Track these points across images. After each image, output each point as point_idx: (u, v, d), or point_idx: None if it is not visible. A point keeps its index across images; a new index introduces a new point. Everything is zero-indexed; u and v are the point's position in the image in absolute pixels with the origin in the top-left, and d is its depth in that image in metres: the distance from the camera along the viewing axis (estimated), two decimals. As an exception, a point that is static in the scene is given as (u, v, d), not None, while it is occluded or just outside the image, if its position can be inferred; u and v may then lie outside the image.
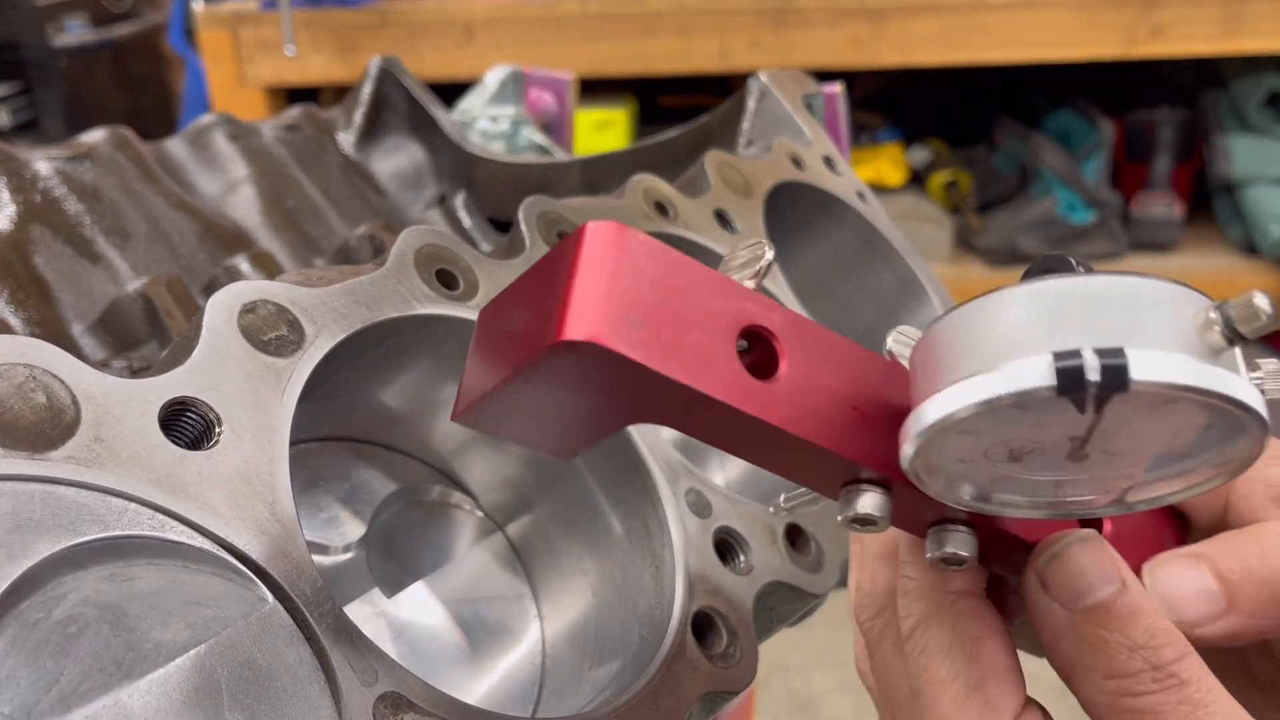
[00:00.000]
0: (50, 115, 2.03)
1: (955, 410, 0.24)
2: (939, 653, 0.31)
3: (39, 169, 0.55)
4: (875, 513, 0.29)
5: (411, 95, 0.77)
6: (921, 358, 0.27)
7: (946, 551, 0.30)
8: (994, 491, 0.28)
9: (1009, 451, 0.26)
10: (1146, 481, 0.27)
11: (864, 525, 0.30)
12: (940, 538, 0.31)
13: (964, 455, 0.26)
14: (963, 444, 0.26)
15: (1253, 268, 1.82)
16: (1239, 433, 0.25)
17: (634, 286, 0.26)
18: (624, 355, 0.25)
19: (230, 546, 0.29)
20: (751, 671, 0.39)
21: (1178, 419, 0.24)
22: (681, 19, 1.60)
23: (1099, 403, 0.23)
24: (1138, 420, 0.24)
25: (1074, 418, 0.24)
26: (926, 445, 0.26)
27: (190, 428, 0.31)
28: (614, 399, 0.27)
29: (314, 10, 1.58)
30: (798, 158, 0.64)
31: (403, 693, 0.30)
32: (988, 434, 0.25)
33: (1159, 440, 0.25)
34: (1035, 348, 0.23)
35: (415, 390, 0.45)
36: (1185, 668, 0.28)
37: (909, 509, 0.30)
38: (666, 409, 0.28)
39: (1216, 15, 1.61)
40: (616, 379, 0.26)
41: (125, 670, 0.28)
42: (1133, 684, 0.28)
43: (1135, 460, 0.26)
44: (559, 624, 0.46)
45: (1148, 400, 0.23)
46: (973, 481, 0.28)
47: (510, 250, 0.44)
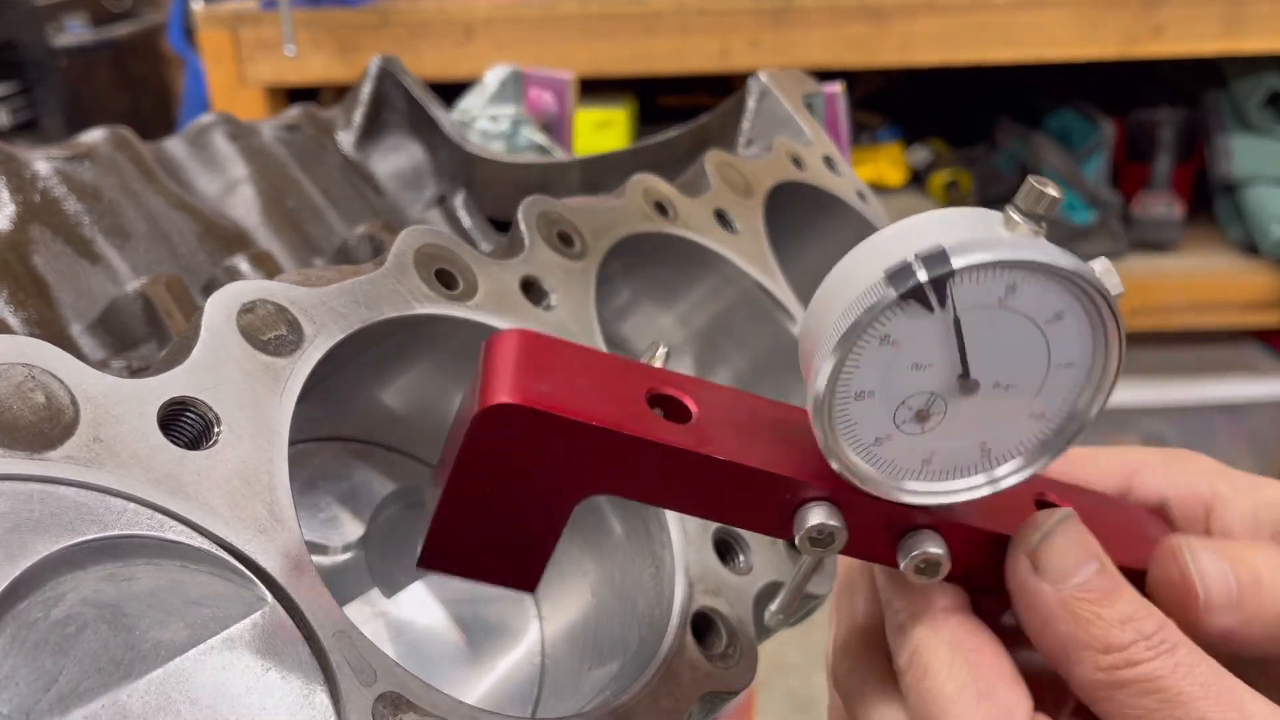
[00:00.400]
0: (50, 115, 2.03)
1: (832, 361, 0.27)
2: (942, 669, 0.30)
3: (38, 169, 0.55)
4: (830, 521, 0.30)
5: (411, 95, 0.77)
6: (803, 349, 0.29)
7: (919, 553, 0.31)
8: (928, 474, 0.30)
9: (914, 412, 0.28)
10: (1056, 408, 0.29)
11: (822, 540, 0.30)
12: (909, 544, 0.31)
13: (877, 427, 0.28)
14: (867, 412, 0.28)
15: (1253, 267, 1.82)
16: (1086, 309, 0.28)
17: (540, 366, 0.29)
18: (539, 409, 0.28)
19: (229, 546, 0.29)
20: (751, 672, 0.39)
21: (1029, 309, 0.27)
22: (681, 19, 1.60)
23: (938, 294, 0.26)
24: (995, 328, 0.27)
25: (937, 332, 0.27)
26: (829, 416, 0.28)
27: (189, 428, 0.31)
28: (550, 475, 0.29)
29: (314, 10, 1.58)
30: (798, 157, 0.64)
31: (402, 693, 0.30)
32: (879, 388, 0.28)
33: (1030, 353, 0.28)
34: (871, 278, 0.27)
35: (415, 390, 0.45)
36: (1171, 633, 0.29)
37: (863, 524, 0.31)
38: (598, 469, 0.29)
39: (1217, 15, 1.61)
40: (542, 445, 0.28)
41: (124, 670, 0.28)
42: (1130, 655, 0.28)
43: (1026, 386, 0.29)
44: (558, 624, 0.45)
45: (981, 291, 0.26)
46: (902, 465, 0.29)
47: (510, 250, 0.44)
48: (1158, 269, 1.83)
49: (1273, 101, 1.83)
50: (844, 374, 0.27)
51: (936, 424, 0.29)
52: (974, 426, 0.29)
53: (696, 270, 0.55)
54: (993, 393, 0.28)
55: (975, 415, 0.29)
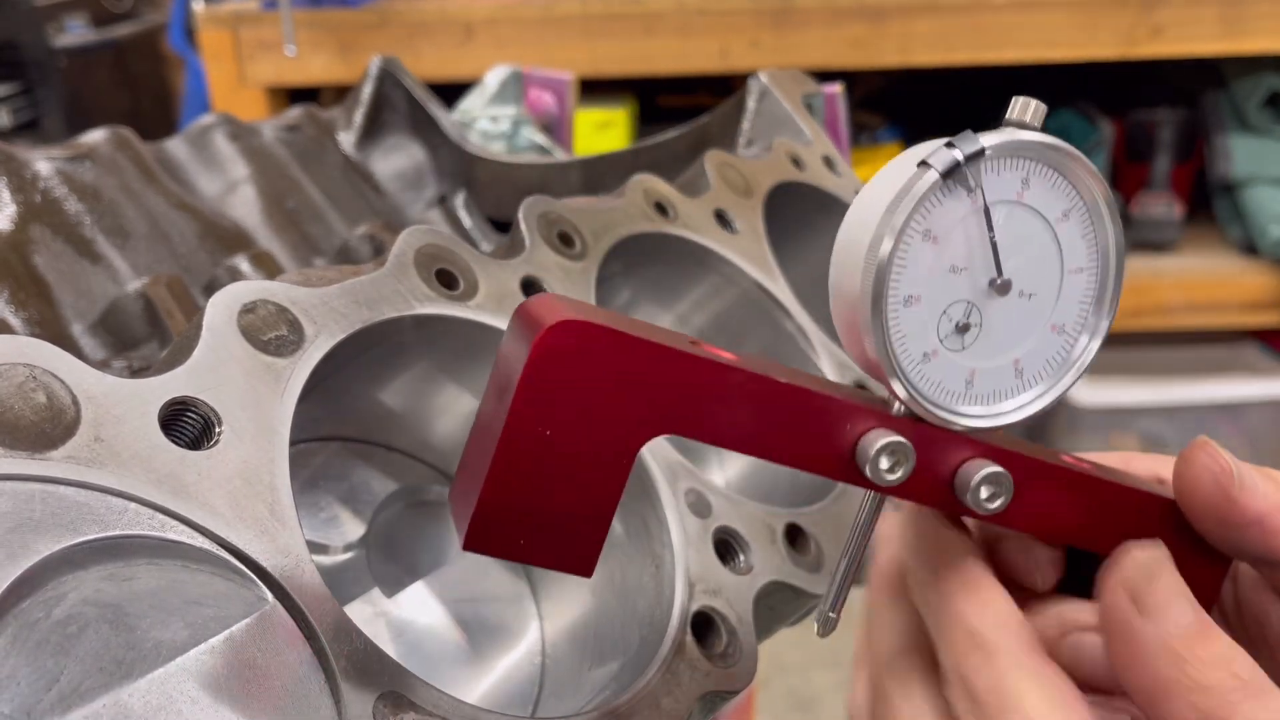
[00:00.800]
0: (50, 115, 2.03)
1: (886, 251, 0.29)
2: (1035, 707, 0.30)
3: (39, 169, 0.55)
4: (899, 438, 0.31)
5: (412, 95, 0.77)
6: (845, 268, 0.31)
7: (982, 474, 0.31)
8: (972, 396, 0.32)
9: (954, 324, 0.31)
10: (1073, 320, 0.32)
11: (894, 461, 0.31)
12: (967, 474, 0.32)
13: (924, 341, 0.30)
14: (915, 321, 0.30)
15: (1252, 267, 1.82)
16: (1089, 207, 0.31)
17: (584, 310, 0.28)
18: (602, 325, 0.27)
19: (230, 546, 0.29)
20: (751, 671, 0.39)
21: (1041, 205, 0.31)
22: (681, 19, 1.60)
23: (974, 174, 0.29)
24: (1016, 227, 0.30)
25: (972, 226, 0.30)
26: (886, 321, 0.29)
27: (190, 428, 0.31)
28: (608, 413, 0.28)
29: (314, 10, 1.58)
30: (798, 158, 0.64)
31: (402, 692, 0.30)
32: (924, 291, 0.30)
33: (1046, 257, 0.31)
34: (907, 173, 0.29)
35: (415, 390, 0.45)
36: (1261, 678, 0.29)
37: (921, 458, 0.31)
38: (659, 400, 0.28)
39: (1216, 15, 1.61)
40: (602, 373, 0.27)
41: (125, 670, 0.28)
42: (1226, 696, 0.29)
43: (1045, 293, 0.32)
44: (558, 624, 0.46)
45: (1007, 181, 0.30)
46: (948, 386, 0.31)
47: (510, 250, 0.44)
48: (1157, 269, 1.83)
49: (1272, 102, 1.83)
50: (893, 279, 0.29)
51: (975, 339, 0.31)
52: (1007, 341, 0.32)
53: (696, 270, 0.55)
54: (1019, 302, 0.31)
55: (1007, 328, 0.32)
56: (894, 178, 0.30)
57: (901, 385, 0.31)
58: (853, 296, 0.30)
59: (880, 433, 0.31)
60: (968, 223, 0.30)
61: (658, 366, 0.28)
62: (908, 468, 0.31)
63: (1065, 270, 0.32)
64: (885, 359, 0.30)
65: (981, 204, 0.30)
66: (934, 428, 0.32)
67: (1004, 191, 0.30)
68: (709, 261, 0.54)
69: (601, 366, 0.27)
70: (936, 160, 0.29)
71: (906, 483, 0.31)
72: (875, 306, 0.29)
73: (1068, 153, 0.31)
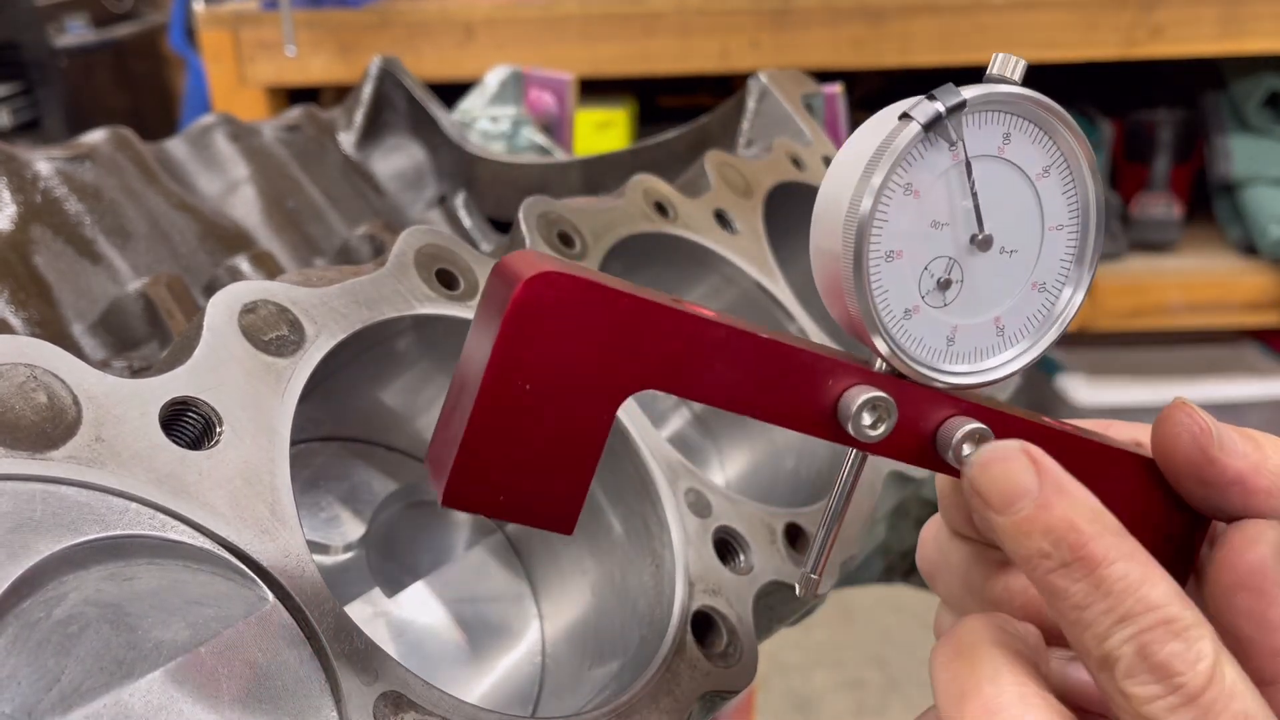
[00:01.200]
0: (51, 115, 2.03)
1: (868, 204, 0.29)
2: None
3: (40, 169, 0.55)
4: (881, 394, 0.31)
5: (412, 95, 0.77)
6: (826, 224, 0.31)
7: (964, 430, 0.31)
8: (953, 355, 0.32)
9: (936, 280, 0.31)
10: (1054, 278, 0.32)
11: (874, 420, 0.31)
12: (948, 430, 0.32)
13: (906, 296, 0.31)
14: (897, 276, 0.30)
15: (1252, 268, 1.82)
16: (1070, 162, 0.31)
17: (565, 265, 0.28)
18: (582, 278, 0.27)
19: (231, 546, 0.30)
20: (751, 671, 0.39)
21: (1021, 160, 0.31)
22: (681, 19, 1.60)
23: (956, 127, 0.29)
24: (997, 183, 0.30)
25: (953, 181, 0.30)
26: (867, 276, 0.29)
27: (191, 427, 0.31)
28: (589, 367, 0.27)
29: (314, 10, 1.58)
30: (797, 158, 0.64)
31: (403, 692, 0.30)
32: (905, 246, 0.30)
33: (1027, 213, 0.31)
34: (888, 127, 0.29)
35: (415, 390, 0.45)
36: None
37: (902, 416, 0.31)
38: (640, 353, 0.28)
39: (1216, 15, 1.61)
40: (583, 325, 0.27)
41: (126, 669, 0.28)
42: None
43: (1026, 250, 0.32)
44: (559, 623, 0.46)
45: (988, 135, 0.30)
46: (930, 344, 0.32)
47: (510, 250, 0.44)
48: (1157, 269, 1.83)
49: (1272, 102, 1.83)
50: (874, 233, 0.29)
51: (956, 295, 0.31)
52: (988, 299, 0.32)
53: (696, 270, 0.55)
54: (1001, 259, 0.32)
55: (988, 285, 0.32)
56: (875, 131, 0.30)
57: (884, 341, 0.31)
58: (834, 252, 0.30)
59: (862, 389, 0.31)
60: (949, 177, 0.30)
61: (640, 320, 0.28)
62: (889, 424, 0.31)
63: (1045, 227, 0.32)
64: (867, 315, 0.30)
65: (963, 158, 0.30)
66: (916, 385, 0.32)
67: (985, 146, 0.30)
68: (709, 261, 0.54)
69: (582, 319, 0.27)
70: (918, 112, 0.29)
71: (888, 439, 0.31)
72: (857, 261, 0.30)
73: (1049, 107, 0.31)
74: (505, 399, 0.27)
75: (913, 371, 0.31)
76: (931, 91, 0.29)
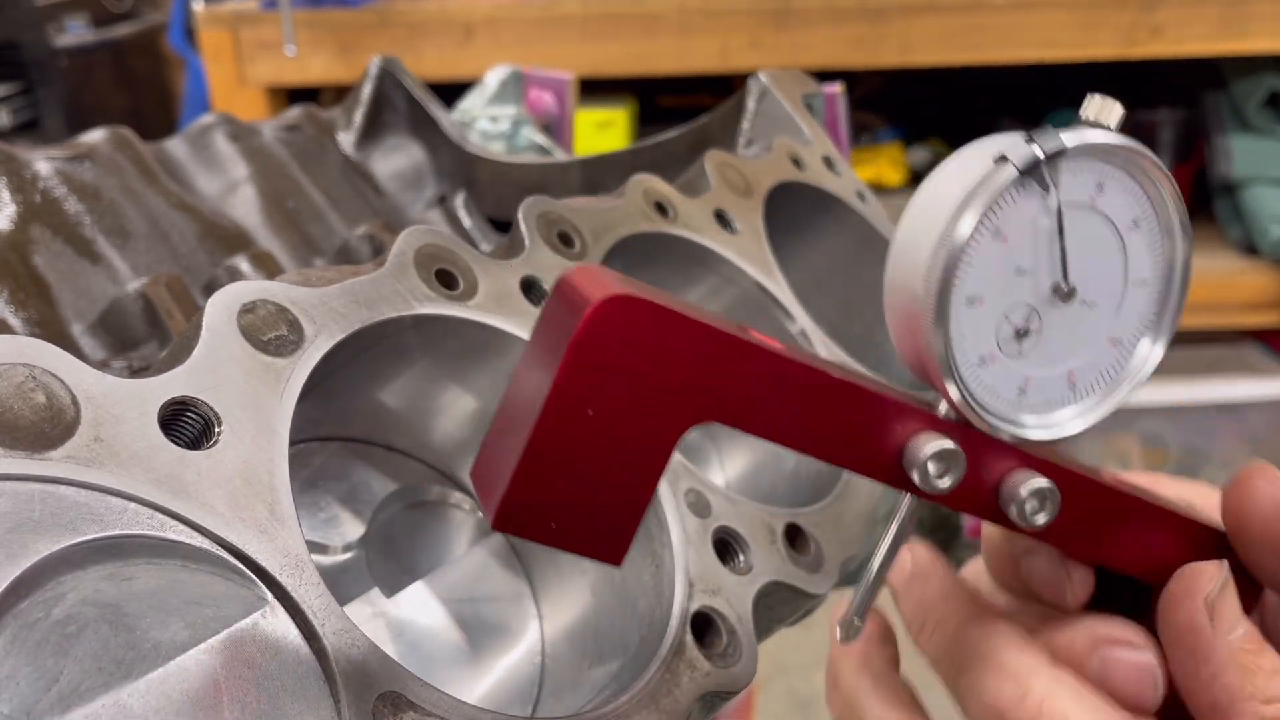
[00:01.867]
0: (50, 115, 2.03)
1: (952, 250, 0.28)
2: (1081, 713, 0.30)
3: (39, 169, 0.55)
4: (949, 445, 0.30)
5: (411, 95, 0.77)
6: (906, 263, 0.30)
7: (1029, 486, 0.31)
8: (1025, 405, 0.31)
9: (1014, 329, 0.30)
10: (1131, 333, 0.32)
11: (942, 470, 0.30)
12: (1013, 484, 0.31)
13: (982, 343, 0.30)
14: (975, 323, 0.29)
15: (1252, 268, 1.82)
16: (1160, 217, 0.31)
17: (633, 284, 0.27)
18: (655, 303, 0.25)
19: (230, 546, 0.29)
20: (751, 671, 0.39)
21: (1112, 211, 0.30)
22: (681, 19, 1.60)
23: (1052, 173, 0.28)
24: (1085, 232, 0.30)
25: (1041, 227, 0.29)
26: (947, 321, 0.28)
27: (190, 427, 0.31)
28: (654, 394, 0.26)
29: (314, 10, 1.58)
30: (798, 158, 0.64)
31: (402, 692, 0.30)
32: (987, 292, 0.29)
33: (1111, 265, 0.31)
34: (984, 167, 0.28)
35: (415, 390, 0.45)
36: None
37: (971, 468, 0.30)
38: (708, 383, 0.27)
39: (1216, 15, 1.61)
40: (651, 352, 0.26)
41: (125, 670, 0.28)
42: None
43: (1107, 303, 0.31)
44: (558, 623, 0.46)
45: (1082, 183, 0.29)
46: (1002, 393, 0.31)
47: (510, 250, 0.44)
48: (1157, 269, 1.83)
49: (1272, 102, 1.83)
50: (959, 277, 0.29)
51: (1032, 346, 0.30)
52: (1063, 351, 0.31)
53: (696, 270, 0.55)
54: (1079, 310, 0.31)
55: (1065, 337, 0.31)
56: (966, 170, 0.29)
57: (957, 388, 0.30)
58: (913, 292, 0.29)
59: (930, 436, 0.30)
60: (1038, 223, 0.29)
61: (710, 350, 0.27)
62: (957, 476, 0.30)
63: (1129, 281, 0.31)
64: (943, 360, 0.29)
65: (1055, 205, 0.29)
66: (982, 435, 0.31)
67: (1078, 194, 0.29)
68: (709, 261, 0.54)
69: (652, 347, 0.26)
70: (1016, 156, 0.28)
71: (953, 491, 0.30)
72: (940, 305, 0.28)
73: (1148, 159, 0.30)
74: (565, 424, 0.26)
75: (982, 421, 0.30)
76: (1030, 133, 0.28)
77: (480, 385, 0.44)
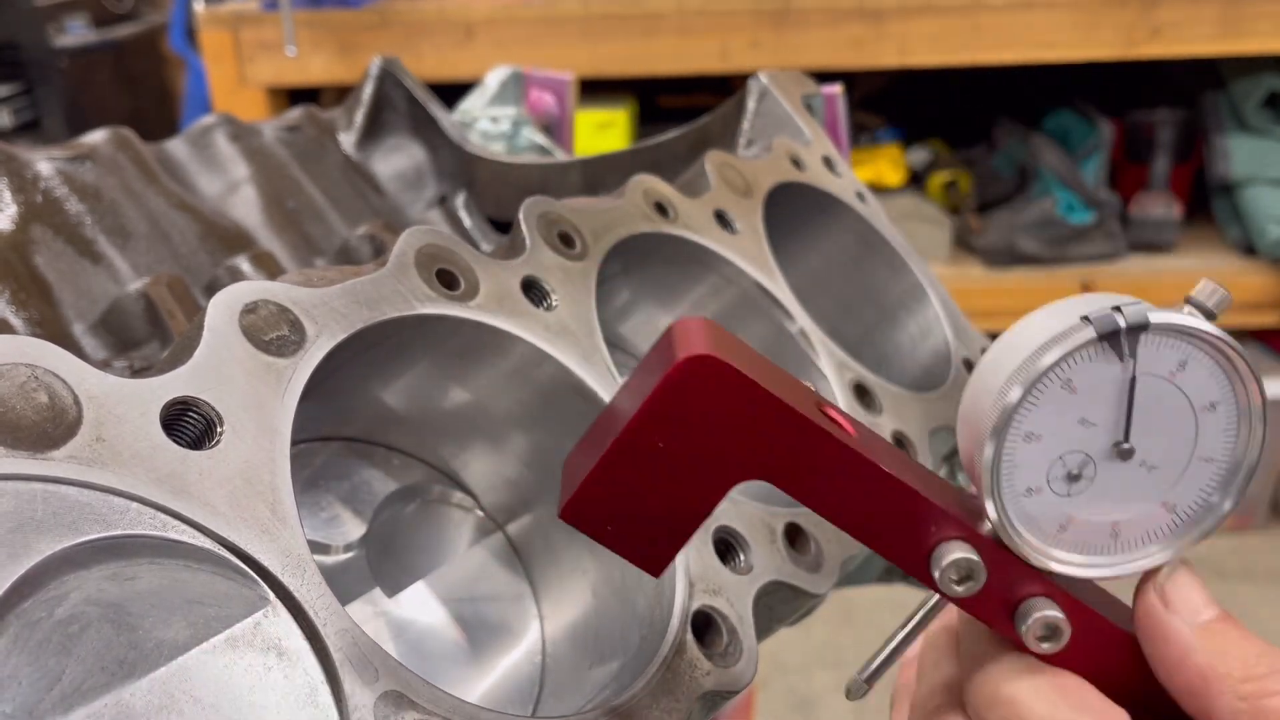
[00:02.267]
0: (51, 116, 2.04)
1: (1020, 390, 0.29)
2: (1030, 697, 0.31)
3: (40, 169, 0.55)
4: (972, 557, 0.31)
5: (412, 96, 0.77)
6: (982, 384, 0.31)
7: (1041, 615, 0.32)
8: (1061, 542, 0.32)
9: (1066, 471, 0.31)
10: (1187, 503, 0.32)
11: (962, 577, 0.31)
12: (1029, 609, 0.32)
13: (1032, 477, 0.31)
14: (1029, 457, 0.30)
15: (1251, 268, 1.82)
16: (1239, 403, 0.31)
17: (728, 346, 0.30)
18: (737, 368, 0.29)
19: (232, 546, 0.30)
20: (751, 671, 0.39)
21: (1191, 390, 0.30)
22: (681, 19, 1.60)
23: (1131, 345, 0.29)
24: (1158, 402, 0.30)
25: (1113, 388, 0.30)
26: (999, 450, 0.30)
27: (192, 427, 0.31)
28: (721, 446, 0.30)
29: (315, 11, 1.58)
30: (797, 158, 0.64)
31: (404, 691, 0.30)
32: (1046, 433, 0.30)
33: (1180, 437, 0.31)
34: (1068, 322, 0.29)
35: (416, 390, 0.45)
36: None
37: (992, 580, 0.32)
38: (769, 448, 0.30)
39: (1215, 16, 1.61)
40: (725, 410, 0.29)
41: (127, 669, 0.28)
42: (1266, 684, 0.29)
43: (1168, 472, 0.31)
44: (559, 623, 0.46)
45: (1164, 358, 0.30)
46: (1041, 526, 0.31)
47: (511, 250, 0.44)
48: (1156, 269, 1.83)
49: (1271, 102, 1.83)
50: (1020, 413, 0.30)
51: (1082, 491, 0.31)
52: (1113, 503, 0.32)
53: (696, 270, 0.55)
54: (1138, 471, 0.31)
55: (1117, 491, 0.31)
56: (1056, 317, 0.30)
57: (995, 509, 0.31)
58: (981, 411, 0.31)
59: (959, 545, 0.31)
60: (1110, 385, 0.30)
61: (777, 423, 0.30)
62: (974, 586, 0.32)
63: (1195, 455, 0.31)
64: (989, 480, 0.30)
65: (1129, 374, 0.30)
66: (1010, 554, 0.32)
67: (1157, 367, 0.30)
68: (709, 261, 0.54)
69: (726, 406, 0.29)
70: (1099, 322, 0.29)
71: (970, 597, 0.32)
72: (996, 432, 0.30)
73: (1237, 351, 0.30)
74: (637, 452, 0.30)
75: (1015, 545, 0.32)
76: (1119, 303, 0.29)
77: (481, 385, 0.44)
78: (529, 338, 0.41)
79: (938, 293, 0.66)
